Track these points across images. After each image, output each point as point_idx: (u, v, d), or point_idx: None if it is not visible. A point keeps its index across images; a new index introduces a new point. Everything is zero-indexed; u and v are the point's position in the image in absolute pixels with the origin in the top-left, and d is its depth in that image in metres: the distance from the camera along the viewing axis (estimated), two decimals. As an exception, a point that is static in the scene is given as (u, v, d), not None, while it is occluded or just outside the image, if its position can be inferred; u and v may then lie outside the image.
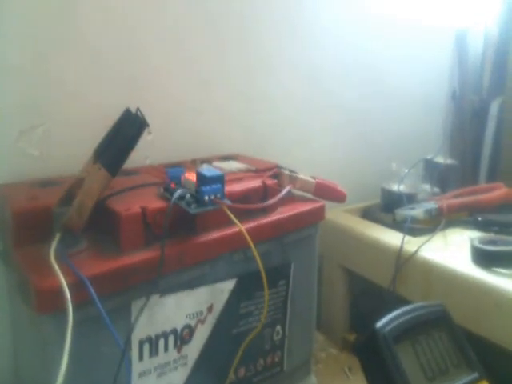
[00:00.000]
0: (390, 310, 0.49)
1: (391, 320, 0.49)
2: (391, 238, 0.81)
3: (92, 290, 0.41)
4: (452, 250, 0.74)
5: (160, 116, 0.71)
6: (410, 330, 0.48)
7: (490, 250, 0.68)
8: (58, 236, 0.45)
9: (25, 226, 0.49)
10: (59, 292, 0.40)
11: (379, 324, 0.48)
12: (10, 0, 0.60)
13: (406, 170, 0.96)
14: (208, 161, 0.72)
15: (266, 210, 0.58)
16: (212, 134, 0.83)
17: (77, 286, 0.41)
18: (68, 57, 0.66)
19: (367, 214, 0.96)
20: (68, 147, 0.66)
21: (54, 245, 0.43)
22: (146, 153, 0.70)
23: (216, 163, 0.70)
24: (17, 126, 0.62)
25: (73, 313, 0.40)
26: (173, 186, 0.53)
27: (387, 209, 0.93)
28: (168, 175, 0.54)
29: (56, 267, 0.41)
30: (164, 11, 0.74)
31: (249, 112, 0.88)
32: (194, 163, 0.70)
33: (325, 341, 0.94)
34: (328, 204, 0.68)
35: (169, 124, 0.76)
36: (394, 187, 0.95)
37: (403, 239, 0.77)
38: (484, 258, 0.68)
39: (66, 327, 0.39)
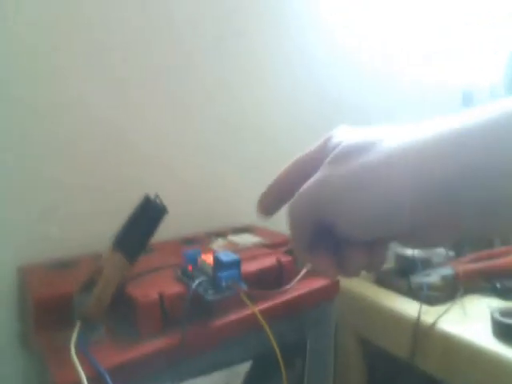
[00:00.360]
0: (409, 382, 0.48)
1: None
2: (407, 307, 0.80)
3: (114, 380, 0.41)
4: (472, 322, 0.73)
5: (174, 191, 0.74)
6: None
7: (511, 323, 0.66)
8: (78, 326, 0.45)
9: (45, 313, 0.50)
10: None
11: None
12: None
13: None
14: (223, 234, 0.73)
15: (271, 294, 0.59)
16: (225, 206, 0.85)
17: (96, 379, 0.42)
18: (88, 142, 0.69)
19: (381, 279, 0.95)
20: (87, 227, 0.68)
21: (74, 336, 0.44)
22: (160, 227, 0.72)
23: (231, 237, 0.71)
24: (38, 206, 0.65)
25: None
26: (190, 268, 0.54)
27: (402, 274, 0.92)
28: (185, 257, 0.55)
29: (76, 362, 0.41)
30: (175, 98, 0.79)
31: (260, 184, 0.90)
32: (209, 238, 0.71)
33: (342, 413, 0.91)
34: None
35: (183, 198, 0.78)
36: (408, 252, 0.94)
37: (420, 310, 0.76)
38: (506, 332, 0.66)
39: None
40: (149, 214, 0.50)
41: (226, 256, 0.51)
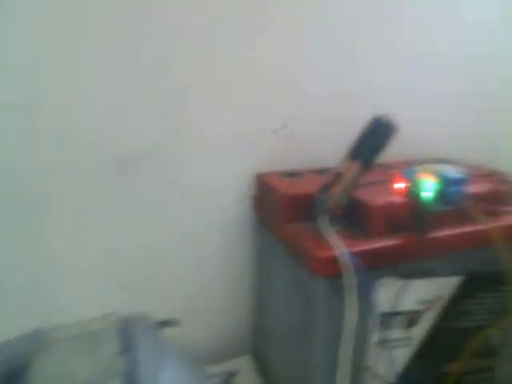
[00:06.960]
0: None
1: None
2: None
3: (359, 262, 0.50)
4: None
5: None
6: None
7: None
8: (324, 216, 0.55)
9: (290, 208, 0.61)
10: (332, 260, 0.50)
11: None
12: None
13: None
14: (422, 164, 0.76)
15: (498, 214, 0.60)
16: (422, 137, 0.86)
17: (342, 258, 0.51)
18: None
19: None
20: (303, 145, 0.78)
21: (323, 223, 0.54)
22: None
23: (434, 166, 0.73)
24: (270, 125, 0.77)
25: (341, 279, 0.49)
26: (412, 183, 0.59)
27: None
28: (406, 174, 0.60)
29: (332, 240, 0.51)
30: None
31: (459, 118, 0.89)
32: (408, 165, 0.74)
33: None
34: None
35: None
36: None
37: None
38: None
39: (348, 290, 0.48)
40: (383, 130, 0.56)
41: (452, 173, 0.55)
